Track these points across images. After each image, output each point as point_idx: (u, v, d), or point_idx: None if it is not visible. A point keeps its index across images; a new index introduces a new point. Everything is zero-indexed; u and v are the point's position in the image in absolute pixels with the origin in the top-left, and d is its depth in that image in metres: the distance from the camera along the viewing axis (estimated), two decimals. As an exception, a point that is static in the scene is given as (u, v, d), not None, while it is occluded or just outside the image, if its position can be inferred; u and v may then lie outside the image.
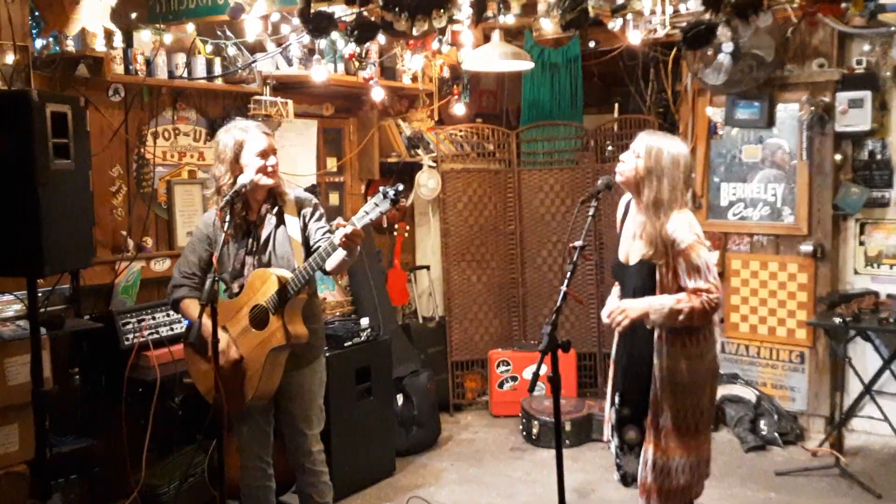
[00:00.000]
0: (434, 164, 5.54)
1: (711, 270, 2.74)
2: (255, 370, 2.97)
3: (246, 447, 3.21)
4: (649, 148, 2.80)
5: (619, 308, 2.79)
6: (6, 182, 2.76)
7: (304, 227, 3.11)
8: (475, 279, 5.60)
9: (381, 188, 2.75)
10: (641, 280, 2.84)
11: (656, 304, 2.74)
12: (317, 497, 3.21)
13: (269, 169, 3.00)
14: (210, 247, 3.08)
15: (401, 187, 2.73)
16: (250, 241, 3.07)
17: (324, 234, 3.09)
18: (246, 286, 3.02)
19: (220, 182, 3.02)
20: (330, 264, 2.92)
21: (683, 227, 2.76)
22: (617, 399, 2.99)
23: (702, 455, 2.92)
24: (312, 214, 3.12)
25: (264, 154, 2.99)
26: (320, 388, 3.20)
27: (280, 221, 3.08)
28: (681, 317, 2.70)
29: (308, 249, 3.09)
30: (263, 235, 3.07)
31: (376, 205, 2.73)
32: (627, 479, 2.99)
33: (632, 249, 2.92)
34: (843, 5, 3.36)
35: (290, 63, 4.60)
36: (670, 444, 2.83)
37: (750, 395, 4.97)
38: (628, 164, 2.84)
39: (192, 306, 3.00)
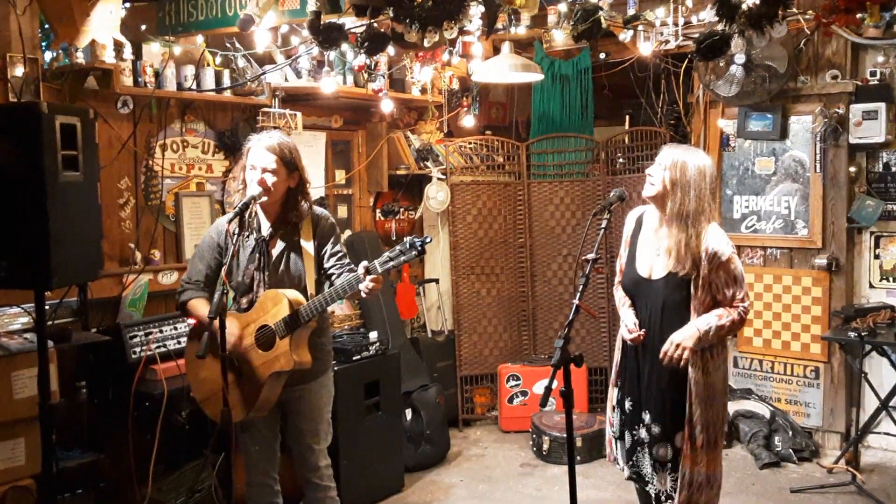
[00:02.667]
0: (443, 177, 5.52)
1: (744, 280, 2.87)
2: (254, 389, 2.93)
3: (252, 463, 3.16)
4: (675, 161, 2.85)
5: (672, 345, 2.80)
6: (15, 194, 2.74)
7: (319, 247, 3.06)
8: (484, 293, 5.57)
9: (407, 238, 2.73)
10: (670, 292, 2.87)
11: (704, 327, 2.78)
12: None
13: (254, 187, 2.93)
14: (220, 255, 3.05)
15: (429, 239, 2.72)
16: (258, 256, 3.02)
17: (338, 259, 3.05)
18: (257, 304, 2.98)
19: (236, 186, 3.04)
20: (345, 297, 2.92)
21: (722, 240, 2.84)
22: (647, 417, 2.96)
23: (720, 468, 2.96)
24: (329, 236, 3.07)
25: (252, 167, 2.95)
26: (328, 403, 3.16)
27: (294, 239, 3.03)
28: (723, 332, 2.79)
29: (320, 268, 3.05)
30: (275, 252, 3.02)
31: (401, 252, 2.71)
32: (662, 498, 2.95)
33: (655, 264, 2.94)
34: (859, 15, 3.33)
35: (298, 75, 4.59)
36: (702, 458, 2.86)
37: (764, 410, 4.91)
38: (656, 178, 2.87)
39: (200, 305, 2.99)
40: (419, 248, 2.68)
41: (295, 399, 3.05)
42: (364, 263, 2.77)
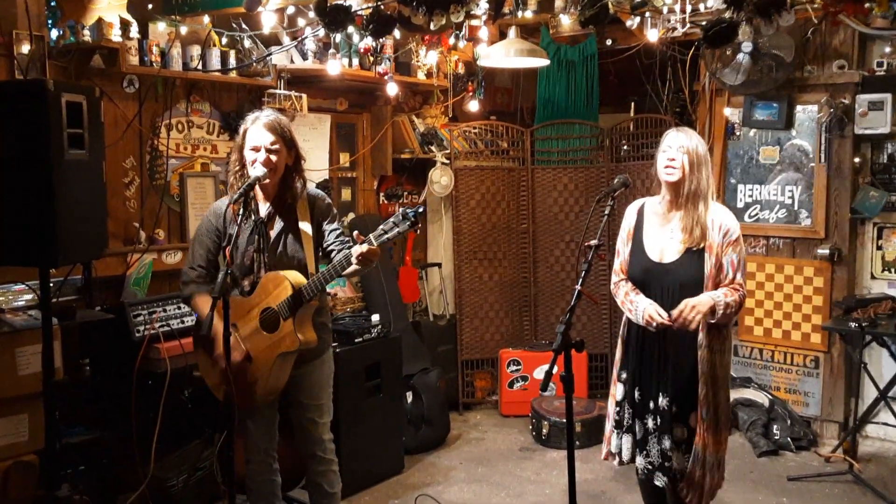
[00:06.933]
0: (447, 161, 5.51)
1: (746, 266, 2.95)
2: (262, 372, 2.96)
3: (252, 441, 3.20)
4: (689, 143, 2.92)
5: (687, 306, 2.81)
6: (21, 171, 2.76)
7: (317, 227, 3.06)
8: (487, 277, 5.58)
9: (401, 209, 2.72)
10: (686, 272, 2.91)
11: (717, 298, 2.83)
12: (326, 486, 3.21)
13: (257, 166, 2.92)
14: (219, 238, 3.05)
15: (420, 209, 2.70)
16: (257, 237, 3.02)
17: (337, 236, 3.06)
18: (259, 287, 2.99)
19: (233, 168, 3.02)
20: (344, 273, 2.89)
21: (731, 218, 2.95)
22: (662, 402, 2.97)
23: (725, 451, 3.00)
24: (325, 215, 3.07)
25: (255, 148, 2.94)
26: (329, 380, 3.20)
27: (291, 219, 3.03)
28: (729, 310, 2.84)
29: (319, 249, 3.07)
30: (273, 233, 3.03)
31: (395, 224, 2.69)
32: (676, 477, 2.96)
33: (668, 248, 2.97)
34: (867, 5, 3.31)
35: (304, 57, 4.58)
36: (711, 438, 2.90)
37: (763, 399, 4.93)
38: (678, 163, 2.91)
39: (204, 302, 2.96)
40: (412, 219, 2.65)
41: (297, 378, 3.07)
42: (357, 233, 2.77)
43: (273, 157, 2.93)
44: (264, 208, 3.05)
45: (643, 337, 3.01)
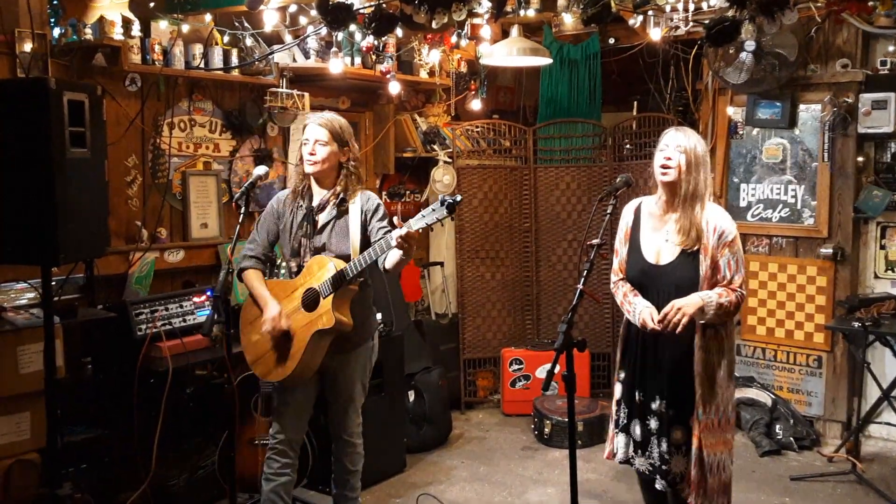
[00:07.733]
0: (449, 160, 5.51)
1: (744, 266, 2.90)
2: (298, 347, 3.09)
3: (279, 429, 3.26)
4: (687, 143, 2.89)
5: (673, 308, 2.79)
6: (22, 170, 2.76)
7: (365, 225, 3.18)
8: (489, 276, 5.57)
9: (440, 196, 2.80)
10: (682, 273, 2.88)
11: (706, 298, 2.80)
12: (349, 465, 3.39)
13: (307, 158, 3.15)
14: (278, 222, 3.25)
15: (458, 197, 2.77)
16: (306, 224, 3.20)
17: (385, 233, 3.14)
18: (305, 268, 3.15)
19: (296, 161, 3.30)
20: (388, 262, 3.01)
21: (727, 218, 2.90)
22: (662, 403, 2.95)
23: (733, 450, 2.98)
24: (374, 213, 3.19)
25: (306, 141, 3.17)
26: (364, 371, 3.32)
27: (341, 211, 3.18)
28: (722, 310, 2.80)
29: (365, 241, 3.17)
30: (321, 222, 3.19)
31: (433, 210, 2.77)
32: (676, 480, 2.94)
33: (664, 249, 2.94)
34: (871, 3, 3.30)
35: (307, 55, 4.58)
36: (712, 439, 2.87)
37: (766, 398, 4.92)
38: (674, 162, 2.87)
39: (255, 277, 3.23)
40: (450, 204, 2.73)
41: (334, 367, 3.22)
42: (397, 219, 2.91)
43: (319, 150, 3.13)
44: (318, 198, 3.22)
45: (643, 338, 3.00)
